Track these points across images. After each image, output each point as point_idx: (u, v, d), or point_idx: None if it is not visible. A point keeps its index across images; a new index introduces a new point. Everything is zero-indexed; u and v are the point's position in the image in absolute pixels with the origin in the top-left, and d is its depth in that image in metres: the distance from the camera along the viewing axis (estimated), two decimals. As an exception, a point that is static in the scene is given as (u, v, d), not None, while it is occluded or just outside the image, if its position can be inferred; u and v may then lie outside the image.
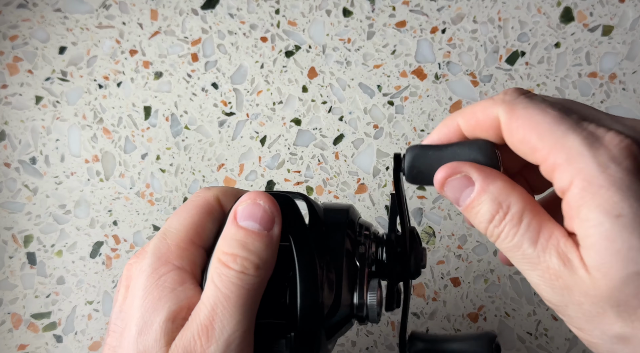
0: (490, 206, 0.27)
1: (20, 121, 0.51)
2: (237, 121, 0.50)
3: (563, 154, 0.25)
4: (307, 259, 0.29)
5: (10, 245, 0.49)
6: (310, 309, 0.29)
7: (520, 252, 0.26)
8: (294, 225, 0.30)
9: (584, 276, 0.24)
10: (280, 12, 0.52)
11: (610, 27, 0.50)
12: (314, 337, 0.29)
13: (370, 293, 0.30)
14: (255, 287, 0.28)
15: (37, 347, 0.47)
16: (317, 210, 0.31)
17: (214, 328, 0.27)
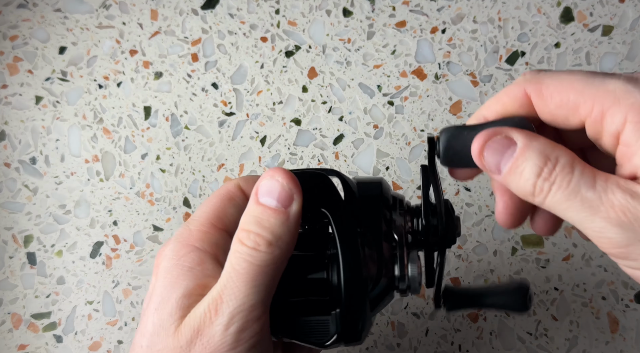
0: (538, 159, 0.26)
1: (20, 121, 0.51)
2: (237, 121, 0.50)
3: (609, 97, 0.25)
4: (347, 234, 0.29)
5: (10, 245, 0.49)
6: (354, 284, 0.29)
7: (579, 198, 0.24)
8: (330, 201, 0.30)
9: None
10: (280, 12, 0.52)
11: (610, 27, 0.51)
12: (360, 311, 0.29)
13: (411, 264, 0.30)
14: (268, 263, 0.28)
15: (37, 347, 0.47)
16: (351, 185, 0.31)
17: (222, 301, 0.27)
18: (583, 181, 0.25)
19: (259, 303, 0.27)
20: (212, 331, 0.27)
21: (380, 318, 0.47)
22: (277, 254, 0.28)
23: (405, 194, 0.48)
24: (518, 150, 0.26)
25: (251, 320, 0.27)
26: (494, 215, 0.48)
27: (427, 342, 0.46)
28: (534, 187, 0.26)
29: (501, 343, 0.46)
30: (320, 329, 0.29)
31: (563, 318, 0.46)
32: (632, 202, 0.24)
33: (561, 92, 0.26)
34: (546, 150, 0.26)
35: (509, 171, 0.26)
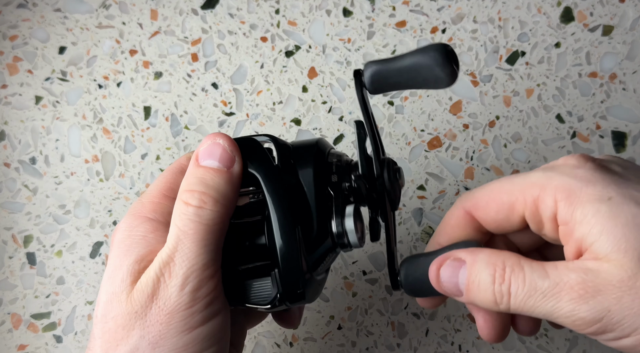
0: (487, 268, 0.27)
1: (20, 121, 0.51)
2: (237, 121, 0.50)
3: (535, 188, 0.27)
4: (279, 195, 0.29)
5: (10, 245, 0.49)
6: (287, 243, 0.29)
7: (539, 292, 0.25)
8: (261, 165, 0.30)
9: (609, 267, 0.24)
10: (280, 12, 0.52)
11: (611, 27, 0.50)
12: (296, 269, 0.29)
13: (347, 219, 0.30)
14: (216, 221, 0.28)
15: (37, 347, 0.47)
16: (283, 146, 0.31)
17: (175, 263, 0.28)
18: (536, 274, 0.26)
19: (210, 261, 0.28)
20: (168, 293, 0.27)
21: (381, 318, 0.47)
22: (223, 212, 0.29)
23: (406, 194, 0.48)
24: (467, 266, 0.28)
25: (205, 279, 0.28)
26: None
27: (427, 342, 0.46)
28: (493, 295, 0.27)
29: (501, 343, 0.46)
30: (264, 291, 0.30)
31: (563, 319, 0.46)
32: (587, 277, 0.25)
33: (494, 199, 0.29)
34: (491, 258, 0.27)
35: (467, 289, 0.28)
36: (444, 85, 0.28)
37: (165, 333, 0.27)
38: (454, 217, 0.31)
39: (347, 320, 0.47)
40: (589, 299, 0.24)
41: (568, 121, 0.49)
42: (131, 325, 0.27)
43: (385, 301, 0.47)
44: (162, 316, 0.27)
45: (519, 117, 0.49)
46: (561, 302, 0.25)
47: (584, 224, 0.25)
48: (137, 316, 0.27)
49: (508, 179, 0.29)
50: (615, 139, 0.49)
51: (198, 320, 0.28)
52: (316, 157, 0.31)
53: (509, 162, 0.49)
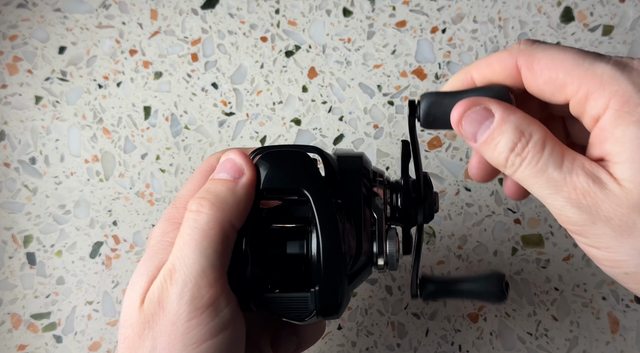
0: (513, 134, 0.26)
1: (20, 121, 0.51)
2: (237, 121, 0.50)
3: (595, 81, 0.26)
4: (326, 211, 0.29)
5: (10, 245, 0.49)
6: (333, 261, 0.29)
7: (545, 176, 0.26)
8: (309, 178, 0.30)
9: (616, 189, 0.24)
10: (280, 12, 0.52)
11: (611, 27, 0.50)
12: (338, 287, 0.29)
13: (390, 241, 0.31)
14: (211, 225, 0.28)
15: (36, 347, 0.47)
16: (331, 162, 0.31)
17: (175, 270, 0.27)
18: (552, 160, 0.26)
19: (208, 268, 0.27)
20: (170, 301, 0.27)
21: (381, 318, 0.47)
22: (220, 216, 0.28)
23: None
24: (495, 122, 0.27)
25: (204, 287, 0.27)
26: (494, 215, 0.48)
27: (427, 342, 0.46)
28: (506, 160, 0.27)
29: (501, 343, 0.46)
30: (300, 306, 0.30)
31: (563, 319, 0.46)
32: (592, 187, 0.25)
33: (551, 69, 0.27)
34: (522, 125, 0.27)
35: (484, 142, 0.27)
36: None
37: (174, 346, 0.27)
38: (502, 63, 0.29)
39: (347, 320, 0.47)
40: (583, 207, 0.25)
41: (568, 121, 0.49)
42: (145, 334, 0.27)
43: (385, 301, 0.47)
44: (168, 326, 0.27)
45: (519, 117, 0.49)
46: (558, 195, 0.25)
47: (619, 142, 0.25)
48: (148, 325, 0.27)
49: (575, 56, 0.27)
50: (616, 139, 0.49)
51: (205, 333, 0.27)
52: (363, 175, 0.31)
53: (509, 162, 0.49)
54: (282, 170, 0.30)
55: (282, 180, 0.30)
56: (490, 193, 0.48)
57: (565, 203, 0.25)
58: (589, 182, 0.25)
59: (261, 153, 0.31)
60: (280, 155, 0.31)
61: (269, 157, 0.31)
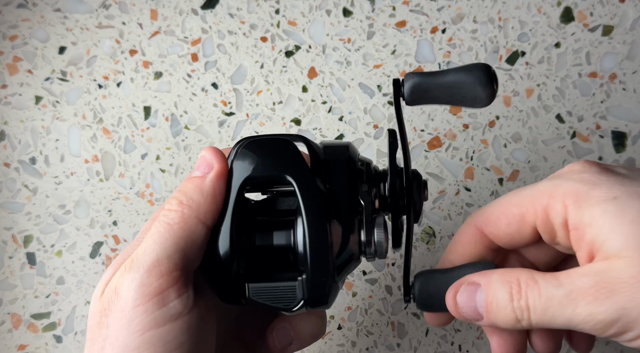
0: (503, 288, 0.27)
1: (20, 121, 0.51)
2: (237, 121, 0.50)
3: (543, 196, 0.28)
4: (311, 197, 0.29)
5: (10, 245, 0.49)
6: (320, 250, 0.29)
7: (556, 301, 0.26)
8: (294, 166, 0.30)
9: (620, 265, 0.24)
10: (280, 12, 0.52)
11: (611, 27, 0.50)
12: (326, 277, 0.29)
13: (377, 229, 0.30)
14: (176, 220, 0.28)
15: (36, 347, 0.47)
16: (316, 150, 0.31)
17: (134, 259, 0.28)
18: (550, 285, 0.26)
19: (164, 258, 0.27)
20: (122, 287, 0.27)
21: (381, 318, 0.47)
22: (187, 213, 0.29)
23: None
24: (483, 288, 0.28)
25: (154, 275, 0.27)
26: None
27: (427, 342, 0.46)
28: (514, 311, 0.27)
29: (501, 343, 0.46)
30: (287, 295, 0.29)
31: (563, 319, 0.46)
32: (599, 278, 0.25)
33: (504, 212, 0.29)
34: (505, 276, 0.27)
35: (487, 311, 0.28)
36: (481, 105, 0.29)
37: (120, 333, 0.27)
38: (465, 235, 0.31)
39: (347, 320, 0.47)
40: (604, 300, 0.24)
41: (568, 121, 0.49)
42: (102, 322, 0.27)
43: (385, 301, 0.47)
44: (118, 312, 0.27)
45: (519, 117, 0.49)
46: (578, 307, 0.25)
47: (593, 226, 0.25)
48: (105, 313, 0.27)
49: (516, 192, 0.29)
50: (615, 139, 0.49)
51: (149, 321, 0.27)
52: (348, 163, 0.31)
53: (509, 162, 0.49)
54: (266, 158, 0.30)
55: (265, 168, 0.30)
56: (490, 193, 0.48)
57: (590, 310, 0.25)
58: (593, 277, 0.25)
59: (245, 142, 0.31)
60: (263, 143, 0.30)
61: (252, 145, 0.30)
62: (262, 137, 0.31)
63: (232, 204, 0.30)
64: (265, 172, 0.30)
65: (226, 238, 0.29)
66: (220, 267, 0.29)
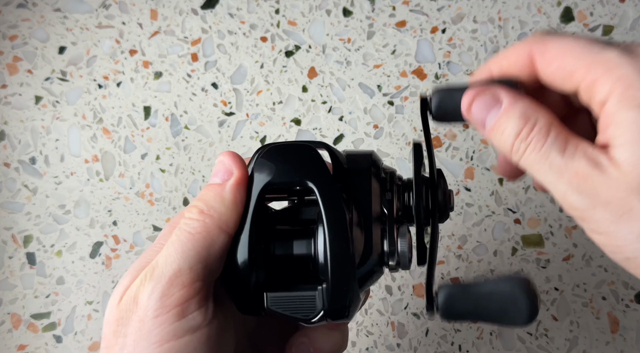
0: (518, 121, 0.27)
1: (19, 121, 0.51)
2: (237, 121, 0.50)
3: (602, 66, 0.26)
4: (334, 208, 0.28)
5: (9, 245, 0.49)
6: (341, 260, 0.28)
7: (548, 162, 0.26)
8: (316, 174, 0.29)
9: (614, 173, 0.25)
10: (280, 12, 0.52)
11: (611, 27, 0.50)
12: (347, 287, 0.28)
13: (401, 239, 0.29)
14: (198, 230, 0.28)
15: (36, 347, 0.47)
16: (339, 157, 0.30)
17: (156, 267, 0.27)
18: (555, 146, 0.26)
19: (186, 269, 0.27)
20: (142, 296, 0.27)
21: (380, 318, 0.47)
22: (208, 222, 0.28)
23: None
24: (502, 108, 0.27)
25: (176, 286, 0.27)
26: (494, 215, 0.48)
27: (427, 342, 0.46)
28: (511, 145, 0.27)
29: (501, 343, 0.46)
30: (307, 305, 0.29)
31: (563, 319, 0.46)
32: (592, 171, 0.25)
33: (561, 56, 0.28)
34: (528, 111, 0.27)
35: (492, 128, 0.28)
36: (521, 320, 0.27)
37: (138, 343, 0.26)
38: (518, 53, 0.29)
39: (347, 320, 0.47)
40: (583, 192, 0.25)
41: (568, 121, 0.49)
42: (118, 331, 0.27)
43: (385, 301, 0.47)
44: (137, 322, 0.27)
45: (519, 117, 0.49)
46: (561, 180, 0.26)
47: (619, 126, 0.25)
48: (122, 322, 0.27)
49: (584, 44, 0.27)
50: (616, 139, 0.49)
51: (168, 332, 0.26)
52: (372, 171, 0.30)
53: (509, 162, 0.49)
54: (287, 164, 0.29)
55: (286, 174, 0.29)
56: (490, 193, 0.48)
57: (567, 189, 0.25)
58: (589, 166, 0.25)
59: (266, 148, 0.30)
60: (285, 149, 0.30)
61: (274, 151, 0.30)
62: (283, 143, 0.30)
63: (251, 212, 0.29)
64: (286, 178, 0.29)
65: (245, 247, 0.28)
66: (239, 277, 0.29)
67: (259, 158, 0.30)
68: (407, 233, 0.30)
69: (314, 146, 0.30)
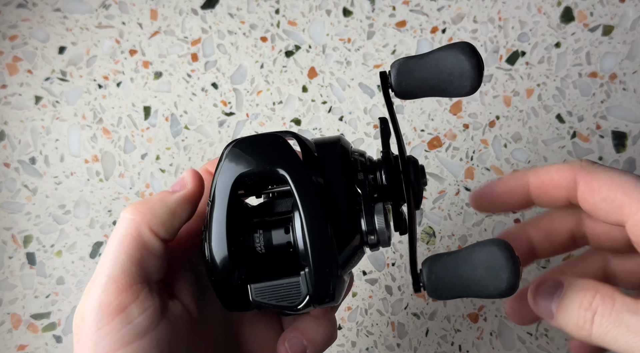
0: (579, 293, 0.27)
1: (19, 121, 0.51)
2: (237, 121, 0.50)
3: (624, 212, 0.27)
4: (307, 191, 0.28)
5: (9, 246, 0.49)
6: (320, 242, 0.28)
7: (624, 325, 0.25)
8: (286, 161, 0.29)
9: None
10: (280, 12, 0.52)
11: (611, 27, 0.50)
12: (329, 269, 0.28)
13: (378, 216, 0.29)
14: (129, 230, 0.27)
15: (36, 347, 0.47)
16: (308, 144, 0.30)
17: (93, 279, 0.27)
18: (626, 308, 0.25)
19: (120, 273, 0.26)
20: (86, 311, 0.26)
21: (381, 318, 0.47)
22: (138, 220, 0.27)
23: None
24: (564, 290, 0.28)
25: (112, 293, 0.26)
26: (494, 215, 0.48)
27: (427, 342, 0.46)
28: (578, 318, 0.26)
29: (501, 343, 0.46)
30: (292, 291, 0.28)
31: (563, 319, 0.46)
32: None
33: (610, 188, 0.28)
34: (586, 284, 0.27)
35: (557, 311, 0.28)
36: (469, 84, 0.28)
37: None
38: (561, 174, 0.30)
39: (347, 320, 0.47)
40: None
41: (568, 121, 0.49)
42: (75, 349, 0.27)
43: (385, 301, 0.47)
44: (84, 338, 0.26)
45: (519, 117, 0.49)
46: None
47: None
48: (76, 340, 0.27)
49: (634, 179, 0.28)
50: (616, 139, 0.49)
51: (116, 341, 0.25)
52: (341, 153, 0.30)
53: (509, 162, 0.49)
54: (256, 154, 0.29)
55: (256, 164, 0.29)
56: (490, 193, 0.48)
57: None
58: None
59: (234, 142, 0.30)
60: (253, 141, 0.30)
61: (241, 143, 0.30)
62: (251, 136, 0.31)
63: (225, 205, 0.29)
64: (256, 168, 0.29)
65: (222, 242, 0.28)
66: (220, 273, 0.28)
67: (228, 152, 0.30)
68: (382, 211, 0.30)
69: (282, 135, 0.30)
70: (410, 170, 0.30)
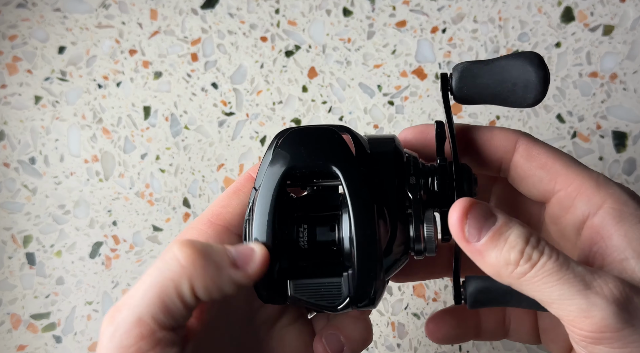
0: (522, 230, 0.25)
1: (19, 121, 0.51)
2: (236, 121, 0.50)
3: (591, 180, 0.27)
4: (359, 192, 0.27)
5: (9, 246, 0.49)
6: (367, 244, 0.27)
7: (571, 270, 0.24)
8: (340, 158, 0.28)
9: None
10: (280, 12, 0.52)
11: (611, 26, 0.50)
12: (373, 272, 0.27)
13: (427, 224, 0.28)
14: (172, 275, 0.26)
15: (36, 347, 0.47)
16: (362, 141, 0.29)
17: (119, 310, 0.26)
18: (574, 262, 0.24)
19: (147, 318, 0.25)
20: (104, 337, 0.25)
21: (381, 318, 0.47)
22: (187, 274, 0.25)
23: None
24: (500, 221, 0.25)
25: (134, 337, 0.25)
26: (494, 216, 0.48)
27: (427, 342, 0.46)
28: (520, 254, 0.24)
29: (501, 343, 0.46)
30: (332, 291, 0.28)
31: (563, 319, 0.46)
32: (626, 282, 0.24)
33: (549, 157, 0.28)
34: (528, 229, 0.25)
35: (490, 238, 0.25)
36: (534, 94, 0.27)
37: None
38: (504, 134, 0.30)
39: (347, 320, 0.47)
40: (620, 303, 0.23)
41: (568, 121, 0.49)
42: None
43: (385, 301, 0.47)
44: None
45: (519, 117, 0.49)
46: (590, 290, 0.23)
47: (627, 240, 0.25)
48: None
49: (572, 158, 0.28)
50: (616, 139, 0.49)
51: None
52: (395, 155, 0.29)
53: (509, 162, 0.49)
54: (309, 148, 0.28)
55: (309, 158, 0.28)
56: (490, 193, 0.48)
57: (600, 301, 0.23)
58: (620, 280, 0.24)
59: (287, 132, 0.29)
60: (307, 133, 0.29)
61: (295, 135, 0.29)
62: (305, 127, 0.29)
63: (272, 195, 0.28)
64: (309, 163, 0.28)
65: (265, 232, 0.27)
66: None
67: (283, 141, 0.29)
68: (432, 218, 0.29)
69: (336, 129, 0.29)
70: (464, 179, 0.30)
